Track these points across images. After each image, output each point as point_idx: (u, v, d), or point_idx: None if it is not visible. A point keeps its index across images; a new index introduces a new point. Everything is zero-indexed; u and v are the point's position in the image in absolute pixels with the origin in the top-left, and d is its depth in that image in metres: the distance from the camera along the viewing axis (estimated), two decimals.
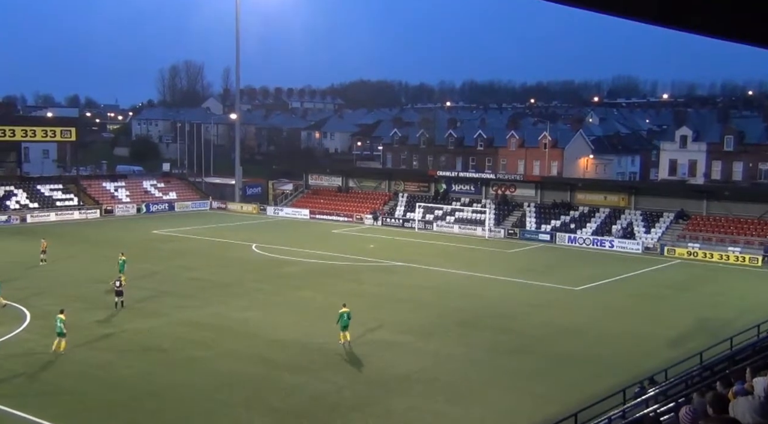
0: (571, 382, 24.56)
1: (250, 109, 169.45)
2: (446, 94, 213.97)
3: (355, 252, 49.63)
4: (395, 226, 64.17)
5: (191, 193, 78.18)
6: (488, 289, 39.06)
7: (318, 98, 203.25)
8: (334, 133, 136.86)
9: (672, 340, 29.68)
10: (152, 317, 31.40)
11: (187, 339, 28.27)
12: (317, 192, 74.64)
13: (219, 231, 59.57)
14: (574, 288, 39.84)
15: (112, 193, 72.66)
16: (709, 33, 7.55)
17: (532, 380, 24.63)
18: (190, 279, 39.82)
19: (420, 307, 34.64)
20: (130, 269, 38.50)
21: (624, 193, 59.23)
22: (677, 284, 42.35)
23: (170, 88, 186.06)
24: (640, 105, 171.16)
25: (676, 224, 55.37)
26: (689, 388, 17.02)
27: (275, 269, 43.84)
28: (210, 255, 48.06)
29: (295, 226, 64.60)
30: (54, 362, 25.33)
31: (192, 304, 34.00)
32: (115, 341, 27.92)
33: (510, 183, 65.01)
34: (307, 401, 22.26)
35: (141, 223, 64.17)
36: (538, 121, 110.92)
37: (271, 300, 35.40)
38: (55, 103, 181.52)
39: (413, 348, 27.77)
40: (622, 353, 27.88)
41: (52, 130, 69.07)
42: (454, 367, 25.73)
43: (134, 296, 35.34)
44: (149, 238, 55.78)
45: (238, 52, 76.93)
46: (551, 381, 24.63)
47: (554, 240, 56.79)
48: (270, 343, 28.03)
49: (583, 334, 30.59)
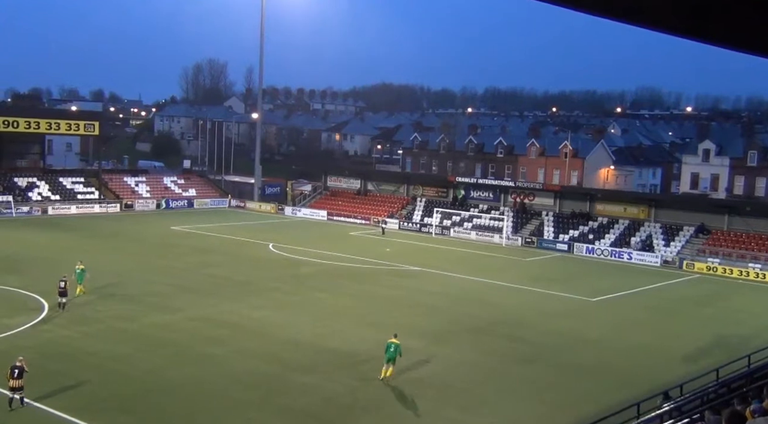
0: (584, 393, 24.40)
1: (272, 109, 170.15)
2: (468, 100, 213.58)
3: (372, 255, 49.64)
4: (413, 230, 64.14)
5: (210, 191, 78.58)
6: (503, 297, 38.91)
7: (339, 100, 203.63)
8: (354, 136, 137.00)
9: (688, 355, 29.39)
10: (169, 312, 31.60)
11: (203, 336, 28.42)
12: (335, 194, 74.74)
13: (237, 229, 59.86)
14: (591, 299, 39.58)
15: (132, 188, 73.25)
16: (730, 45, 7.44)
17: (545, 390, 24.49)
18: (207, 276, 40.04)
19: (434, 312, 34.57)
20: (145, 264, 38.75)
21: (644, 206, 58.78)
22: (695, 299, 41.95)
23: (193, 86, 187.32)
24: (663, 117, 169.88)
25: (696, 238, 54.86)
26: (705, 405, 16.85)
27: (291, 269, 43.95)
28: (227, 253, 48.29)
29: (312, 227, 64.74)
30: (70, 354, 25.58)
31: (208, 301, 34.18)
32: (132, 334, 28.13)
33: (529, 191, 64.73)
34: (320, 402, 22.29)
35: (160, 218, 64.65)
36: (560, 130, 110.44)
37: (286, 300, 35.50)
38: (79, 97, 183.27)
39: (426, 353, 27.72)
40: (636, 366, 27.65)
41: (75, 124, 69.75)
42: (467, 374, 25.65)
43: (152, 290, 35.65)
44: (168, 233, 56.16)
45: (262, 52, 77.46)
46: (564, 392, 24.47)
47: (572, 250, 56.48)
48: (284, 342, 28.10)
49: (598, 345, 30.38)
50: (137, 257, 45.30)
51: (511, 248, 57.27)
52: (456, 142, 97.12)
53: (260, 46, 76.89)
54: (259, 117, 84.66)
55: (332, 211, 70.00)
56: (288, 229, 62.64)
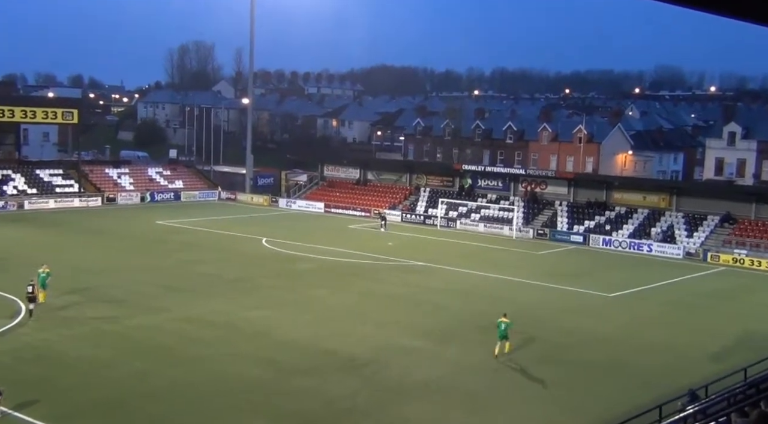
0: (602, 395, 24.46)
1: (264, 93, 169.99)
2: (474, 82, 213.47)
3: (373, 250, 49.70)
4: (416, 222, 64.17)
5: (199, 183, 78.67)
6: (514, 293, 38.96)
7: (336, 84, 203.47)
8: (352, 122, 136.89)
9: (713, 353, 29.45)
10: (156, 313, 31.66)
11: (192, 337, 28.49)
12: (333, 184, 74.76)
13: (227, 223, 59.90)
14: (608, 294, 39.63)
15: (115, 180, 73.31)
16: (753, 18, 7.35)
17: (560, 391, 24.55)
18: (195, 274, 40.11)
19: (440, 310, 34.64)
20: (129, 261, 38.76)
21: (665, 194, 58.79)
22: (721, 293, 41.99)
23: (179, 70, 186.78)
24: (685, 98, 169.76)
25: (721, 228, 54.87)
26: (731, 406, 16.88)
27: (287, 265, 44.01)
28: (217, 249, 48.36)
29: (308, 220, 64.77)
30: (51, 358, 25.64)
31: (198, 300, 34.25)
32: (116, 337, 28.19)
33: (541, 179, 64.73)
34: (319, 406, 22.36)
35: (145, 212, 64.67)
36: (573, 114, 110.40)
37: (281, 298, 35.57)
38: (56, 83, 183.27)
39: (432, 354, 27.80)
40: (657, 365, 27.71)
41: (53, 112, 69.68)
42: (475, 375, 25.73)
43: (137, 289, 35.69)
44: (153, 229, 56.22)
45: (252, 32, 77.28)
46: (580, 393, 24.54)
47: (587, 242, 56.53)
48: (280, 344, 28.17)
49: (616, 343, 30.43)
50: (120, 254, 45.34)
51: (521, 241, 57.32)
52: (462, 128, 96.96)
53: (250, 25, 76.79)
54: (250, 102, 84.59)
55: (329, 203, 70.01)
56: (282, 222, 62.65)
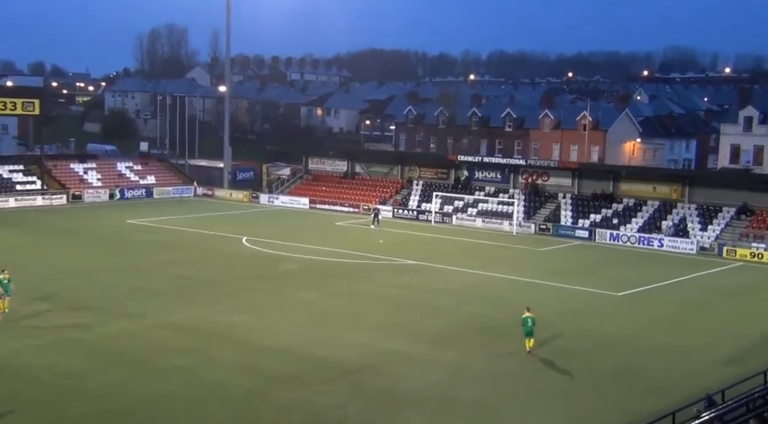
0: (612, 401, 24.60)
1: (242, 80, 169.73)
2: (470, 66, 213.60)
3: (362, 248, 49.73)
4: (409, 218, 64.25)
5: (173, 178, 78.50)
6: (515, 293, 39.03)
7: (321, 69, 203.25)
8: (339, 110, 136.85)
9: (731, 356, 29.64)
10: (129, 320, 31.61)
11: (168, 346, 28.47)
12: (318, 178, 74.77)
13: (204, 221, 59.81)
14: (616, 294, 39.82)
15: (81, 176, 73.05)
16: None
17: (566, 399, 24.68)
18: (170, 276, 40.07)
19: (436, 312, 34.72)
20: (98, 264, 38.65)
21: (677, 184, 59.03)
22: (738, 291, 42.21)
23: (149, 56, 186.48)
24: (697, 81, 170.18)
25: (737, 221, 55.16)
26: (750, 412, 17.04)
27: (269, 266, 44.02)
28: (194, 249, 48.33)
29: (292, 217, 64.76)
30: (16, 370, 25.56)
31: (173, 305, 34.21)
32: (86, 346, 28.16)
33: (542, 170, 64.90)
34: (306, 418, 22.40)
35: (114, 211, 64.49)
36: (577, 99, 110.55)
37: (264, 302, 35.59)
38: (16, 71, 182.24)
39: (428, 360, 27.87)
40: (671, 369, 27.86)
41: (12, 102, 69.21)
42: (475, 382, 25.82)
43: (109, 294, 35.63)
44: (124, 228, 56.07)
45: (229, 14, 77.00)
46: (588, 400, 24.67)
47: (593, 237, 56.74)
48: (263, 351, 28.20)
49: (626, 346, 30.58)
50: (89, 256, 45.24)
51: (523, 237, 57.49)
52: (457, 116, 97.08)
53: (227, 6, 76.49)
54: (227, 90, 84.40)
55: (315, 198, 70.01)
56: (264, 220, 62.64)
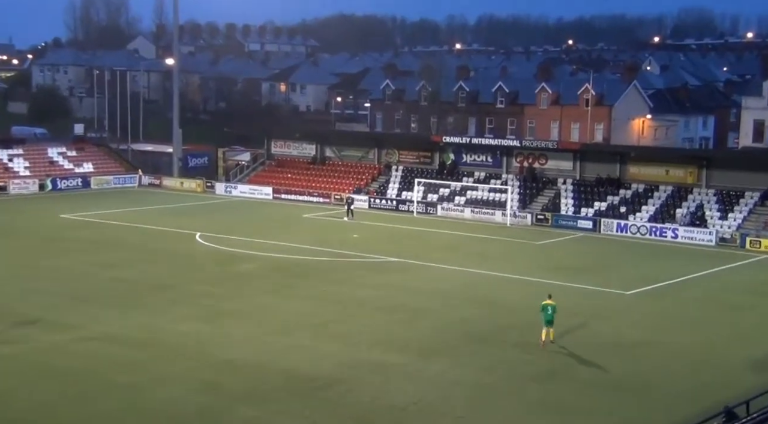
0: (621, 415, 24.73)
1: (193, 52, 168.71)
2: (456, 33, 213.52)
3: (334, 244, 49.72)
4: (388, 209, 64.24)
5: (113, 165, 78.16)
6: (510, 293, 39.20)
7: (284, 39, 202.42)
8: (305, 86, 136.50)
9: (755, 362, 29.86)
10: (63, 331, 31.35)
11: (108, 360, 28.27)
12: (283, 164, 74.65)
13: (151, 215, 59.53)
14: (624, 292, 40.03)
15: (5, 164, 72.54)
16: None
17: (568, 414, 24.76)
18: (110, 280, 39.85)
19: (420, 317, 34.73)
20: (25, 266, 38.39)
21: (692, 166, 59.33)
22: (762, 288, 42.47)
23: (83, 24, 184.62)
24: (715, 47, 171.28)
25: (761, 208, 55.58)
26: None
27: (226, 266, 43.92)
28: (139, 248, 48.08)
29: (253, 209, 64.65)
30: None
31: (115, 312, 34.01)
32: (12, 362, 27.90)
33: (540, 153, 65.05)
34: None
35: (45, 204, 64.09)
36: (578, 70, 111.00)
37: (221, 308, 35.44)
38: None
39: (411, 371, 27.87)
40: (686, 378, 28.06)
41: None
42: (464, 396, 25.84)
43: (37, 302, 35.30)
44: (56, 224, 55.74)
45: None
46: (594, 414, 24.77)
47: (598, 228, 56.97)
48: (220, 364, 28.09)
49: (636, 352, 30.75)
50: (15, 257, 44.92)
51: (517, 229, 57.65)
52: (441, 91, 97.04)
53: None
54: (175, 63, 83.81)
55: (279, 187, 69.95)
56: (220, 213, 62.47)
